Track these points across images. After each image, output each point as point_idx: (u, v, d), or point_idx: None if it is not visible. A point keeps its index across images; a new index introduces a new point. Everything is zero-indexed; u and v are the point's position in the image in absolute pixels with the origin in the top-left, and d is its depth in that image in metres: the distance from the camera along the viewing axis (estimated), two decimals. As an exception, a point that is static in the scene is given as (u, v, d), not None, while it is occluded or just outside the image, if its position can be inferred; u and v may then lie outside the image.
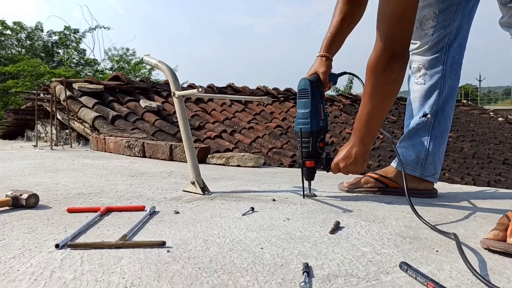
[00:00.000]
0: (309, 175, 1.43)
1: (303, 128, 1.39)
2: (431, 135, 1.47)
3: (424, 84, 1.47)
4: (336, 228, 1.04)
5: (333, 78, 1.49)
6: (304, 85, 1.40)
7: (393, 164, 1.54)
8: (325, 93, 1.47)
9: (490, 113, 10.82)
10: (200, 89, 1.41)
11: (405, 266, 0.75)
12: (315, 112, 1.38)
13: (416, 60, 1.49)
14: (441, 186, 1.89)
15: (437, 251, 0.88)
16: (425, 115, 1.46)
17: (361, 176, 1.61)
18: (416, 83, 1.49)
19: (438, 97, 1.45)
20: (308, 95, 1.38)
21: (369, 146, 1.33)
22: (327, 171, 1.42)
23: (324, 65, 1.43)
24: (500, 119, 10.15)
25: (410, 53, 1.47)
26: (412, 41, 1.38)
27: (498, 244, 0.86)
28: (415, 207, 1.16)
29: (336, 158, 1.37)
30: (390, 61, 1.19)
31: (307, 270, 0.74)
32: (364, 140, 1.32)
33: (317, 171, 1.45)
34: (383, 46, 1.19)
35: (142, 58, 1.72)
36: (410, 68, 1.51)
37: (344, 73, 1.53)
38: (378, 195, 1.51)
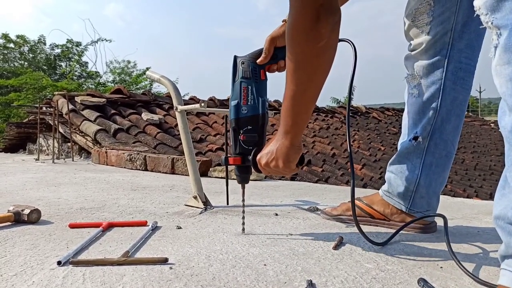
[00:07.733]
0: (240, 177, 1.13)
1: (230, 116, 1.11)
2: (423, 161, 1.17)
3: (418, 96, 1.17)
4: (339, 243, 1.03)
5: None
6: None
7: (380, 192, 1.27)
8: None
9: (491, 124, 10.83)
10: (203, 104, 1.41)
11: (422, 282, 0.76)
12: (236, 95, 1.09)
13: (410, 66, 1.20)
14: (444, 200, 1.88)
15: (441, 267, 0.88)
16: (415, 137, 1.17)
17: (347, 202, 1.31)
18: (410, 95, 1.20)
19: (435, 114, 1.15)
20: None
21: (295, 140, 0.99)
22: (257, 171, 1.10)
23: (275, 31, 1.10)
24: (501, 130, 10.13)
25: (405, 55, 1.21)
26: (408, 40, 1.20)
27: None
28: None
29: (259, 154, 1.06)
30: (315, 22, 0.84)
31: (311, 288, 0.74)
32: (289, 132, 0.99)
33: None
34: (301, 3, 0.85)
35: (145, 72, 1.73)
36: (406, 75, 1.22)
37: None
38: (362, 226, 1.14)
